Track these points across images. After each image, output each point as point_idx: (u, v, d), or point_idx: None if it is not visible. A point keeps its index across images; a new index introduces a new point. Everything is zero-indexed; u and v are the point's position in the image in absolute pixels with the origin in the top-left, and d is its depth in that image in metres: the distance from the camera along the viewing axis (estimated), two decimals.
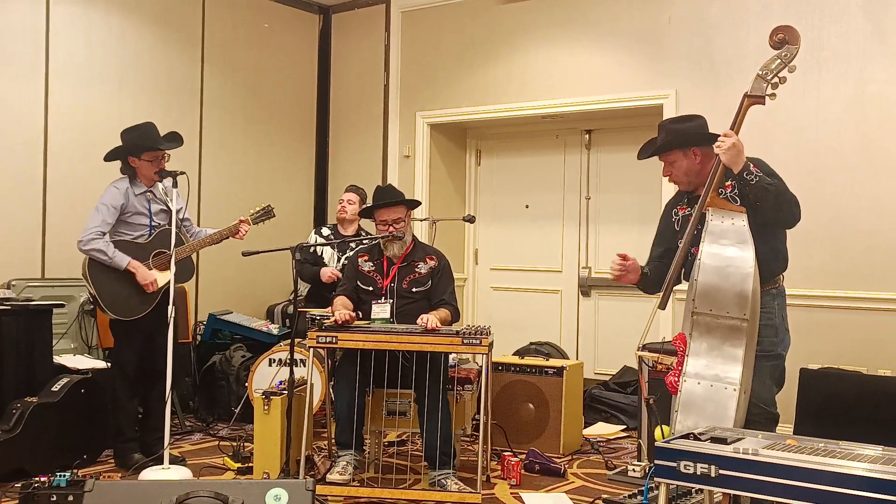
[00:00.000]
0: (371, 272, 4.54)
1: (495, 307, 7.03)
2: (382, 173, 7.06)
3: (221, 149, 6.64)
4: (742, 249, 3.13)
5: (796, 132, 5.20)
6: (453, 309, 4.46)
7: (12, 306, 4.71)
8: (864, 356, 4.71)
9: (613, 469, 4.64)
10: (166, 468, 4.23)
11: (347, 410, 4.26)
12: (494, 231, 7.09)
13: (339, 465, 4.23)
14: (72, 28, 5.69)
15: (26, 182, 5.48)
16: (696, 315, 3.14)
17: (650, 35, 5.80)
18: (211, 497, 2.44)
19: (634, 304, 6.29)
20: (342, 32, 7.40)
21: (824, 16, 5.12)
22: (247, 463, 4.49)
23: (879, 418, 4.11)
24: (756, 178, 3.21)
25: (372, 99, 7.15)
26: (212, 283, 6.46)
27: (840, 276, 5.05)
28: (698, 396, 3.07)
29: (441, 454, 4.16)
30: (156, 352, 4.48)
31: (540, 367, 5.14)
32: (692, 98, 5.56)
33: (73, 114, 5.70)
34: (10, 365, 4.60)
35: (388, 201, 4.48)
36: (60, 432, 4.42)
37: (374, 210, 4.52)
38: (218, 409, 5.74)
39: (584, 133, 6.67)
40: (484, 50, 6.56)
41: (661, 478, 2.40)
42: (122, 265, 4.46)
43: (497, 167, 7.12)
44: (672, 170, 3.57)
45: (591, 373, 6.32)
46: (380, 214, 4.48)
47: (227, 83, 6.69)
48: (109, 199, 4.49)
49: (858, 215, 5.01)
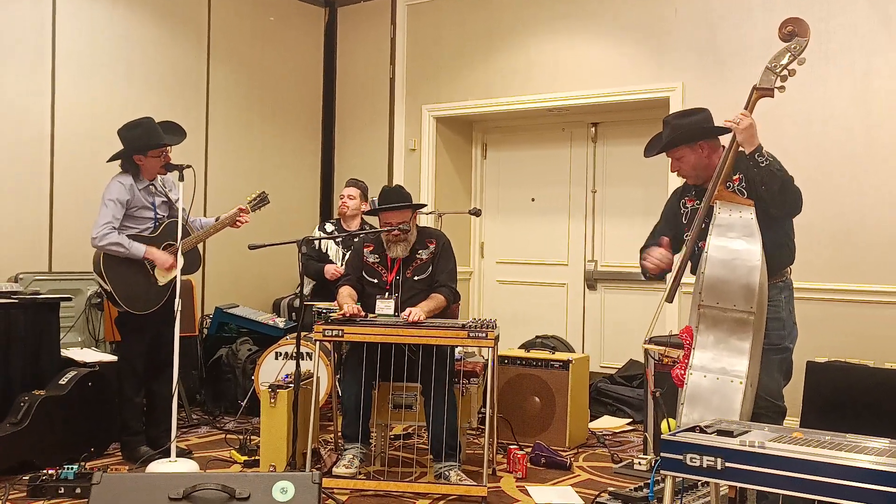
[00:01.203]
0: (375, 264, 4.53)
1: (501, 300, 7.03)
2: (388, 167, 7.05)
3: (227, 142, 6.65)
4: (749, 242, 3.12)
5: (803, 125, 5.18)
6: (448, 291, 4.42)
7: (20, 300, 4.72)
8: (871, 349, 4.69)
9: (619, 462, 4.64)
10: (173, 461, 4.24)
11: (354, 403, 4.27)
12: (500, 224, 7.09)
13: (346, 458, 4.24)
14: (77, 21, 5.69)
15: (33, 176, 5.49)
16: (703, 308, 3.14)
17: (656, 27, 5.78)
18: (218, 490, 2.45)
19: (640, 298, 6.29)
20: (348, 26, 7.39)
21: (831, 8, 5.09)
22: (253, 456, 4.50)
23: (886, 411, 4.09)
24: (766, 162, 3.20)
25: (378, 92, 7.15)
26: (218, 276, 6.47)
27: (847, 269, 5.04)
28: (705, 389, 3.07)
29: (447, 447, 4.16)
30: (162, 345, 4.50)
31: (546, 360, 5.14)
32: (698, 91, 5.54)
33: (80, 107, 5.70)
34: (18, 358, 4.62)
35: (393, 205, 4.46)
36: (68, 425, 4.43)
37: (380, 212, 4.51)
38: (224, 403, 5.76)
39: (590, 126, 6.66)
40: (490, 43, 6.54)
41: (667, 470, 2.40)
42: (140, 254, 4.47)
43: (503, 160, 7.11)
44: (680, 165, 3.56)
45: (597, 366, 6.32)
46: (385, 217, 4.47)
47: (233, 76, 6.69)
48: (116, 195, 4.49)
49: (865, 208, 5.00)
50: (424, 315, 4.19)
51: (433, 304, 4.33)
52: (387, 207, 4.45)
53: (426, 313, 4.22)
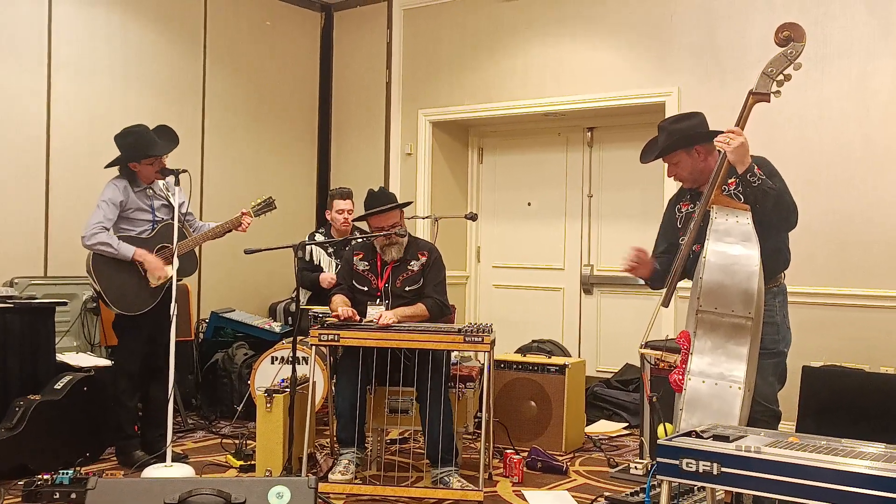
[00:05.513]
0: (365, 272, 4.52)
1: (497, 305, 7.03)
2: (384, 171, 7.06)
3: (223, 146, 6.64)
4: (747, 247, 3.12)
5: (799, 128, 5.19)
6: (433, 303, 4.40)
7: (15, 304, 4.71)
8: (866, 353, 4.70)
9: (616, 467, 4.64)
10: (169, 466, 4.24)
11: (349, 408, 4.26)
12: (496, 229, 7.09)
13: (341, 464, 4.22)
14: (74, 24, 5.68)
15: (29, 179, 5.48)
16: (701, 313, 3.14)
17: (652, 32, 5.79)
18: (213, 495, 2.44)
19: (636, 302, 6.29)
20: (344, 30, 7.39)
21: (828, 11, 5.11)
22: (249, 461, 4.49)
23: (882, 416, 4.10)
24: (759, 181, 3.19)
25: (374, 96, 7.15)
26: (214, 281, 6.46)
27: (843, 274, 5.04)
28: (703, 394, 3.07)
29: (443, 452, 4.16)
30: (158, 349, 4.49)
31: (542, 364, 5.14)
32: (695, 95, 5.55)
33: (76, 110, 5.70)
34: (13, 363, 4.61)
35: (382, 208, 4.43)
36: (63, 430, 4.42)
37: (369, 217, 4.49)
38: (220, 407, 5.75)
39: (586, 130, 6.67)
40: (486, 47, 6.55)
41: (663, 475, 2.40)
42: (129, 255, 4.46)
43: (499, 165, 7.12)
44: (677, 170, 3.56)
45: (594, 370, 6.32)
46: (376, 221, 4.45)
47: (230, 80, 6.69)
48: (109, 196, 4.49)
49: (861, 212, 5.00)
50: (396, 319, 4.18)
51: (410, 311, 4.31)
52: (377, 211, 4.44)
53: (399, 318, 4.21)
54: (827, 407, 4.29)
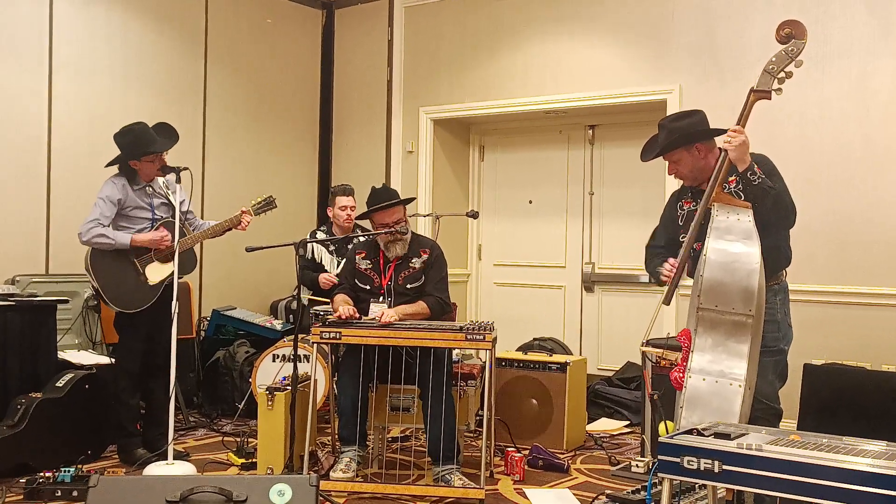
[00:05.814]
0: (368, 270, 4.52)
1: (498, 303, 7.03)
2: (386, 169, 7.05)
3: (224, 144, 6.64)
4: (748, 245, 3.12)
5: (800, 126, 5.19)
6: (435, 301, 4.40)
7: (16, 302, 4.72)
8: (868, 351, 4.70)
9: (617, 465, 4.64)
10: (170, 463, 4.24)
11: (351, 406, 4.26)
12: (498, 226, 7.09)
13: (342, 462, 4.22)
14: (74, 23, 5.68)
15: (30, 178, 5.48)
16: (702, 311, 3.14)
17: (653, 30, 5.79)
18: (215, 492, 2.44)
19: (638, 300, 6.30)
20: (345, 28, 7.39)
21: (828, 10, 5.10)
22: (250, 458, 4.49)
23: (883, 414, 4.10)
24: (758, 180, 3.21)
25: (375, 94, 7.15)
26: (215, 278, 6.47)
27: (844, 272, 5.04)
28: (704, 392, 3.07)
29: (445, 450, 4.16)
30: (159, 347, 4.49)
31: (543, 362, 5.14)
32: (696, 93, 5.55)
33: (77, 109, 5.70)
34: (15, 360, 4.61)
35: (387, 203, 4.43)
36: (65, 428, 4.43)
37: (373, 213, 4.49)
38: (222, 405, 5.75)
39: (587, 128, 6.67)
40: (487, 45, 6.55)
41: (664, 473, 2.40)
42: (126, 243, 4.46)
43: (500, 162, 7.12)
44: (677, 168, 3.56)
45: (595, 368, 6.32)
46: (380, 217, 4.44)
47: (230, 78, 6.69)
48: (107, 193, 4.50)
49: (862, 211, 5.00)
50: (398, 317, 4.19)
51: (412, 309, 4.31)
52: (381, 206, 4.44)
53: (401, 316, 4.21)
54: (828, 405, 4.29)
